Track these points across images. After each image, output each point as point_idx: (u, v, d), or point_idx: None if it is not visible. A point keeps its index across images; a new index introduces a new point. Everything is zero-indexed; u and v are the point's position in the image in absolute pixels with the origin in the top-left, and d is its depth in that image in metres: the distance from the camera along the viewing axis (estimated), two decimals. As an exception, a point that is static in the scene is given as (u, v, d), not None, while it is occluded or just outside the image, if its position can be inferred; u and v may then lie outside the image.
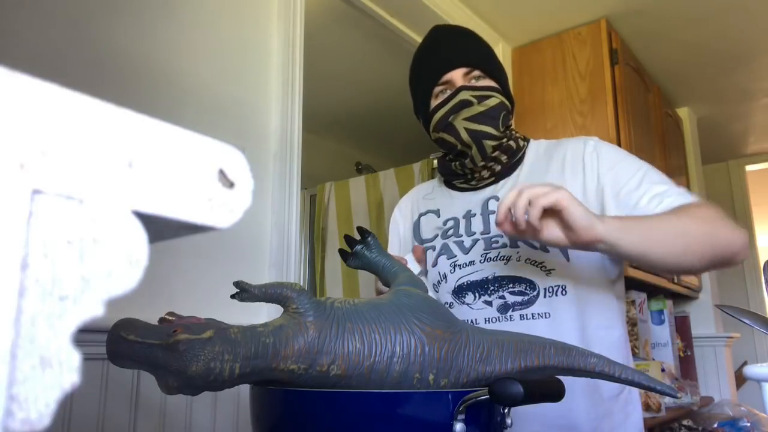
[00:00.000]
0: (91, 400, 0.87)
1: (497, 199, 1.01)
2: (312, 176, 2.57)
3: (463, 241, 1.02)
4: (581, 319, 0.94)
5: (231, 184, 0.24)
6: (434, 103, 1.02)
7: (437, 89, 1.02)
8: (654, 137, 2.43)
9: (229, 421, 1.07)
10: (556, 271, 0.94)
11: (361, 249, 0.83)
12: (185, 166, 0.23)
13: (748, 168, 3.73)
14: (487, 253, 0.99)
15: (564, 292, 0.94)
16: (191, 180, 0.23)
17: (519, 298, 0.95)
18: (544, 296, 0.94)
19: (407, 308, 0.62)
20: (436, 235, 1.06)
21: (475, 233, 1.01)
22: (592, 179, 0.96)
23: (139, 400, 0.92)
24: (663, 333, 2.43)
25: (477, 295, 0.98)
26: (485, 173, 1.03)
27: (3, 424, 0.17)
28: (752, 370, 0.91)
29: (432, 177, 2.56)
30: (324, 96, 2.70)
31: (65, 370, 0.19)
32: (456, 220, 1.05)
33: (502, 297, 0.96)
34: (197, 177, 0.23)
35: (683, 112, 3.00)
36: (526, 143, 1.07)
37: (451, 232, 1.04)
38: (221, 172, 0.24)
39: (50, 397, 0.19)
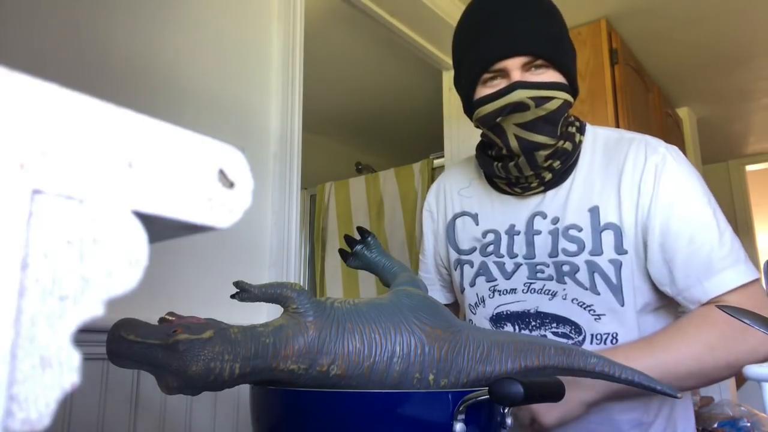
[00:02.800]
0: (91, 400, 0.87)
1: (543, 216, 0.89)
2: (312, 176, 2.57)
3: (504, 264, 0.90)
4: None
5: (231, 184, 0.24)
6: (482, 91, 0.84)
7: (486, 76, 0.83)
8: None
9: (229, 421, 1.07)
10: (606, 316, 0.82)
11: (361, 249, 0.83)
12: (185, 166, 0.23)
13: (748, 168, 3.73)
14: (531, 283, 0.87)
15: (615, 341, 0.82)
16: (191, 180, 0.23)
17: (562, 341, 0.82)
18: (591, 343, 0.83)
19: (407, 308, 0.62)
20: (474, 249, 0.94)
21: (517, 255, 0.89)
22: (643, 210, 0.83)
23: (139, 400, 0.92)
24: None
25: (517, 328, 0.88)
26: (533, 181, 0.88)
27: (3, 424, 0.17)
28: (752, 370, 0.90)
29: (432, 177, 2.56)
30: (324, 96, 2.70)
31: (65, 370, 0.19)
32: (497, 234, 0.92)
33: (544, 337, 0.85)
34: (197, 177, 0.23)
35: (683, 112, 3.00)
36: (582, 136, 0.89)
37: (491, 249, 0.92)
38: (221, 172, 0.24)
39: (50, 397, 0.19)
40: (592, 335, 0.83)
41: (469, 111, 0.88)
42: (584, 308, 0.83)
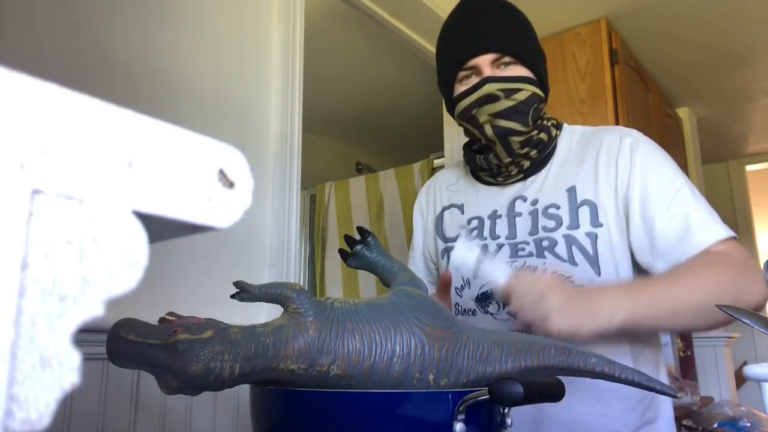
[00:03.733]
0: (91, 400, 0.87)
1: (524, 199, 0.95)
2: (312, 176, 2.57)
3: (487, 246, 0.96)
4: (607, 348, 0.85)
5: (231, 184, 0.24)
6: (458, 88, 0.93)
7: (462, 74, 0.92)
8: (654, 137, 2.41)
9: (229, 421, 1.07)
10: (585, 287, 0.87)
11: (361, 249, 0.83)
12: (185, 166, 0.23)
13: (748, 168, 3.73)
14: (512, 261, 0.93)
15: None
16: (191, 180, 0.23)
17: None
18: None
19: (407, 308, 0.62)
20: (459, 235, 1.00)
21: (500, 237, 0.95)
22: (622, 184, 0.89)
23: (139, 400, 0.92)
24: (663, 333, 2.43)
25: (501, 305, 0.93)
26: (513, 169, 0.96)
27: (3, 424, 0.17)
28: (752, 370, 0.90)
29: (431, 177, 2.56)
30: (324, 96, 2.70)
31: (65, 370, 0.19)
32: (481, 220, 0.99)
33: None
34: (197, 177, 0.23)
35: (683, 112, 3.00)
36: (558, 131, 0.98)
37: (475, 233, 0.99)
38: (221, 172, 0.24)
39: (50, 397, 0.19)
40: None
41: (451, 108, 0.97)
42: (564, 279, 0.88)
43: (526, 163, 0.95)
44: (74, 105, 0.20)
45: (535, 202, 0.94)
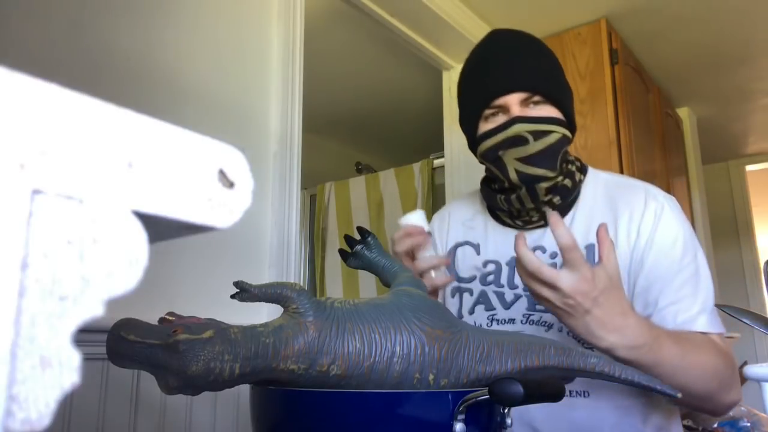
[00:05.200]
0: (91, 400, 0.87)
1: (543, 250, 0.91)
2: (312, 176, 2.57)
3: (504, 294, 0.92)
4: (623, 401, 0.85)
5: (231, 184, 0.24)
6: (483, 127, 0.88)
7: (488, 112, 0.87)
8: (654, 137, 2.43)
9: (229, 421, 1.07)
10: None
11: (361, 249, 0.83)
12: (185, 166, 0.23)
13: (748, 168, 3.73)
14: (529, 315, 0.89)
15: None
16: (191, 180, 0.23)
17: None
18: None
19: (407, 308, 0.62)
20: (474, 277, 0.96)
21: (517, 287, 0.91)
22: (638, 250, 0.86)
23: (139, 400, 0.92)
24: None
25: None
26: (534, 215, 0.91)
27: (3, 424, 0.17)
28: (752, 370, 0.90)
29: (432, 177, 2.56)
30: (324, 96, 2.70)
31: (65, 370, 0.19)
32: (498, 265, 0.94)
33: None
34: (197, 177, 0.23)
35: (683, 112, 3.00)
36: (582, 176, 0.94)
37: (491, 278, 0.94)
38: (221, 172, 0.24)
39: (50, 397, 0.19)
40: None
41: (473, 147, 0.92)
42: (578, 340, 0.84)
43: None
44: (74, 105, 0.20)
45: (554, 255, 0.90)
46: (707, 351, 0.79)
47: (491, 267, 0.95)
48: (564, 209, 0.91)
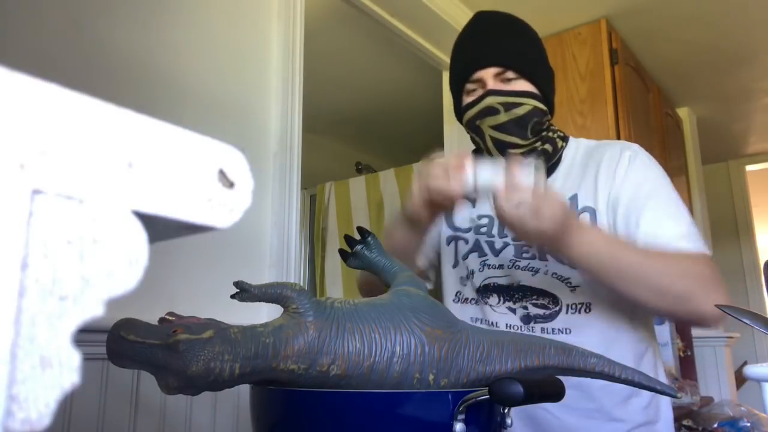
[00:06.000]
0: (91, 400, 0.87)
1: None
2: (312, 176, 2.57)
3: (494, 243, 1.00)
4: (604, 338, 0.91)
5: (231, 184, 0.24)
6: (465, 99, 0.98)
7: (469, 86, 0.97)
8: (654, 137, 2.43)
9: (229, 421, 1.07)
10: (581, 288, 0.93)
11: (361, 249, 0.83)
12: (185, 166, 0.23)
13: (748, 168, 3.73)
14: (515, 261, 0.97)
15: (588, 310, 0.93)
16: (191, 180, 0.23)
17: (541, 312, 0.94)
18: (566, 312, 0.93)
19: (407, 308, 0.62)
20: (470, 228, 1.05)
21: (507, 236, 0.99)
22: (614, 191, 0.94)
23: (139, 400, 0.92)
24: (663, 333, 2.43)
25: (501, 299, 0.98)
26: None
27: (3, 424, 0.17)
28: (752, 370, 0.90)
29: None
30: (324, 96, 2.70)
31: (65, 370, 0.19)
32: (490, 218, 1.03)
33: (525, 308, 0.95)
34: (197, 177, 0.23)
35: (683, 112, 3.00)
36: (564, 143, 1.03)
37: (484, 229, 1.03)
38: (221, 172, 0.24)
39: (50, 397, 0.19)
40: (567, 305, 0.93)
41: (460, 118, 1.02)
42: (562, 281, 0.94)
43: None
44: (74, 105, 0.20)
45: None
46: (679, 255, 0.84)
47: (485, 220, 1.04)
48: (547, 172, 1.00)
